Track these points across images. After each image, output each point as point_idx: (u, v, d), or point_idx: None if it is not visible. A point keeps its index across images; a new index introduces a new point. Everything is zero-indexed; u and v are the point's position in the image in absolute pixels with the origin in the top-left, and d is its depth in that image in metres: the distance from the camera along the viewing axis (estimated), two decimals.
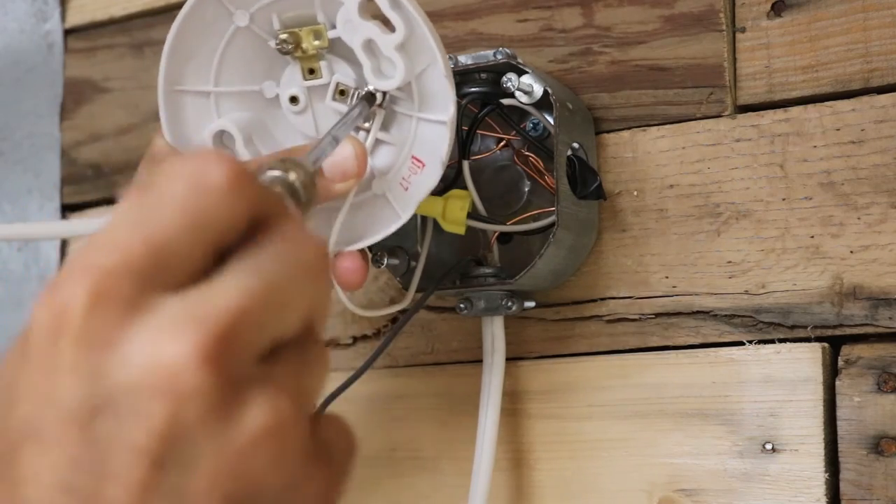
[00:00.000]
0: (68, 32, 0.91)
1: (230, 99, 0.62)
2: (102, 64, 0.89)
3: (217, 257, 0.35)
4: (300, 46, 0.60)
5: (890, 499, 0.60)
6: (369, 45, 0.58)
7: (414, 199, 0.60)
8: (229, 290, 0.34)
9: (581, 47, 0.70)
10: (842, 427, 0.61)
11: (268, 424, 0.34)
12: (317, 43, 0.60)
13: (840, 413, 0.62)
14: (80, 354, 0.33)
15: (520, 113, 0.68)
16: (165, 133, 0.61)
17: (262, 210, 0.36)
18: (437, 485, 0.71)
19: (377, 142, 0.60)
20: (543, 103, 0.66)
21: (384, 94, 0.59)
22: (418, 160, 0.60)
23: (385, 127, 0.60)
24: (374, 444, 0.73)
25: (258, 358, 0.35)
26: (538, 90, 0.66)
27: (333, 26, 0.59)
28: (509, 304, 0.67)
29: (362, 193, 0.60)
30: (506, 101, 0.67)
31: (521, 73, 0.66)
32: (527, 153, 0.69)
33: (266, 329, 0.35)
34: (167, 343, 0.33)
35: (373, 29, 0.57)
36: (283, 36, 0.59)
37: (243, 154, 0.60)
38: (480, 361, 0.69)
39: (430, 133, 0.59)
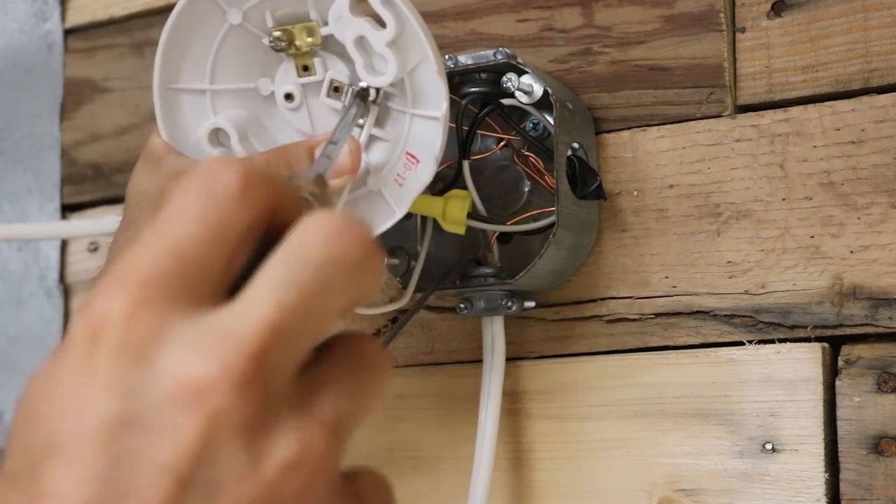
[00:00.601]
0: (68, 32, 0.91)
1: (226, 96, 0.62)
2: (102, 64, 0.89)
3: (250, 264, 0.35)
4: (294, 44, 0.60)
5: (890, 499, 0.60)
6: (361, 42, 0.58)
7: (409, 195, 0.60)
8: (262, 305, 0.33)
9: (581, 47, 0.70)
10: (842, 427, 0.61)
11: (298, 456, 0.33)
12: (310, 40, 0.60)
13: (840, 413, 0.62)
14: (114, 367, 0.32)
15: (520, 113, 0.68)
16: (161, 131, 0.61)
17: (282, 209, 0.35)
18: (437, 484, 0.71)
19: (371, 138, 0.60)
20: (543, 103, 0.66)
21: (377, 90, 0.59)
22: (413, 156, 0.60)
23: (379, 123, 0.60)
24: (373, 444, 0.73)
25: (296, 371, 0.34)
26: (538, 90, 0.66)
27: (326, 23, 0.59)
28: (509, 304, 0.67)
29: (357, 190, 0.60)
30: (506, 101, 0.67)
31: (521, 73, 0.66)
32: (527, 153, 0.69)
33: (304, 340, 0.34)
34: (200, 360, 0.32)
35: (364, 26, 0.57)
36: (277, 34, 0.59)
37: (238, 151, 0.60)
38: (480, 361, 0.68)
39: (423, 129, 0.59)
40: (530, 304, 0.69)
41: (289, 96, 0.61)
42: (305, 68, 0.61)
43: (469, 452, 0.67)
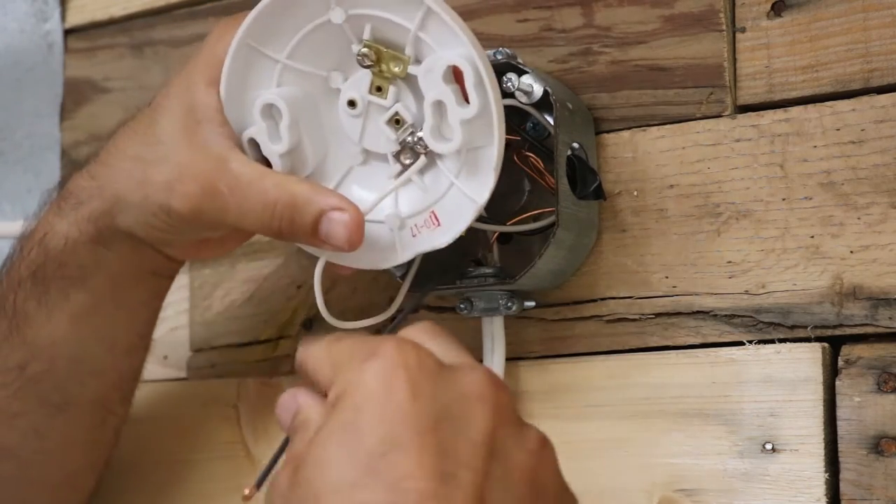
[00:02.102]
0: (68, 32, 0.91)
1: (295, 74, 0.62)
2: (102, 64, 0.89)
3: None
4: (379, 64, 0.60)
5: (890, 499, 0.60)
6: (439, 106, 0.59)
7: (417, 248, 0.61)
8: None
9: (581, 47, 0.70)
10: (842, 427, 0.61)
11: (543, 442, 0.48)
12: (396, 70, 0.60)
13: (840, 413, 0.62)
14: (419, 387, 0.46)
15: (520, 113, 0.68)
16: (223, 82, 0.62)
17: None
18: None
19: (408, 181, 0.62)
20: (543, 103, 0.66)
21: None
22: (436, 218, 0.61)
23: (421, 171, 0.61)
24: None
25: None
26: (538, 90, 0.66)
27: (418, 61, 0.60)
28: (509, 304, 0.67)
29: (374, 218, 0.61)
30: (506, 101, 0.67)
31: (521, 73, 0.66)
32: (527, 153, 0.69)
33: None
34: (476, 375, 0.47)
35: (448, 94, 0.58)
36: (366, 50, 0.60)
37: (284, 136, 0.62)
38: (480, 361, 0.68)
39: (458, 202, 0.60)
40: (530, 304, 0.69)
41: (352, 103, 0.62)
42: (379, 89, 0.61)
43: None
